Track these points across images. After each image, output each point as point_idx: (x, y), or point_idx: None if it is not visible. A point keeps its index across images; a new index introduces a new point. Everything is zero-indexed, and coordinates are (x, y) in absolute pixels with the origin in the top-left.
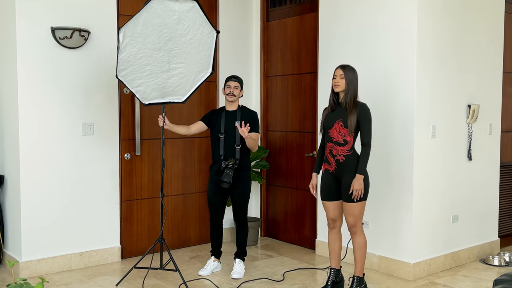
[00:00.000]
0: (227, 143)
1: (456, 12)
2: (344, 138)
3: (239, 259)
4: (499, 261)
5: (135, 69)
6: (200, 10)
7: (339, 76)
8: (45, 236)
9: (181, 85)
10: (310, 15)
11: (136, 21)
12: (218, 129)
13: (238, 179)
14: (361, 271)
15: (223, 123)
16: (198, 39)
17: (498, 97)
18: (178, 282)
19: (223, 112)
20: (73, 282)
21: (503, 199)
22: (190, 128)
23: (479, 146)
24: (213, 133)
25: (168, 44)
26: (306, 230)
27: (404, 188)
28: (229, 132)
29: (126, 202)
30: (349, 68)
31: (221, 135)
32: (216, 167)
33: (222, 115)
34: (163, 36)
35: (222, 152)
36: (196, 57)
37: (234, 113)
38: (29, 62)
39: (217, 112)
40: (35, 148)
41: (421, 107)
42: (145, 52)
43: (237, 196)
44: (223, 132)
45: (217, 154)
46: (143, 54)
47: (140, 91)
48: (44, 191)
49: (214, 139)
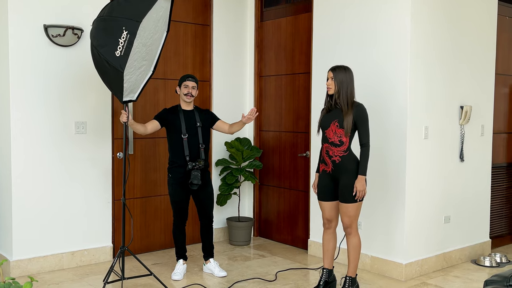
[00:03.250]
0: (190, 144)
1: (449, 14)
2: (340, 139)
3: (213, 258)
4: (490, 262)
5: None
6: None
7: (330, 78)
8: (36, 235)
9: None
10: (304, 15)
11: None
12: (178, 130)
13: (203, 179)
14: (354, 271)
15: (183, 124)
16: (158, 38)
17: (490, 99)
18: (171, 282)
19: (180, 113)
20: (64, 281)
21: (494, 200)
22: (147, 127)
23: (471, 147)
24: (173, 134)
25: (149, 40)
26: (298, 230)
27: (397, 189)
28: (191, 132)
29: (118, 201)
30: (340, 69)
31: (184, 135)
32: (181, 169)
33: (181, 115)
34: (152, 31)
35: (187, 153)
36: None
37: (192, 112)
38: (21, 59)
39: (173, 111)
40: (27, 146)
41: (414, 108)
42: (139, 46)
43: (205, 196)
44: (186, 132)
45: (180, 155)
46: (137, 49)
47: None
48: (36, 189)
49: (175, 140)
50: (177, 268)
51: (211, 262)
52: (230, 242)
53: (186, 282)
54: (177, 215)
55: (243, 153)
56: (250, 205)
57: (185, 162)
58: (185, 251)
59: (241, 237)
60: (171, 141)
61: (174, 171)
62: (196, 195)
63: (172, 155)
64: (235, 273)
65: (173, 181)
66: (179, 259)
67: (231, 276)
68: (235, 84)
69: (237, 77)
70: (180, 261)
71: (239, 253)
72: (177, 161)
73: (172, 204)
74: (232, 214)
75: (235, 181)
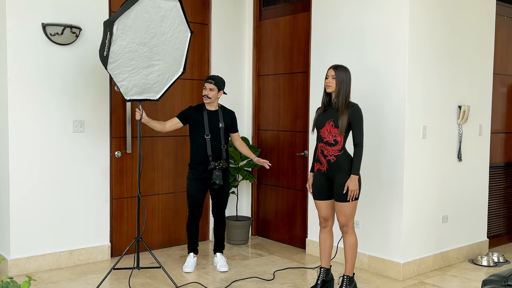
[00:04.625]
0: (213, 144)
1: (447, 13)
2: (334, 138)
3: (220, 253)
4: (488, 262)
5: (122, 63)
6: (180, 9)
7: (331, 77)
8: (34, 234)
9: (157, 82)
10: (302, 14)
11: (128, 15)
12: (201, 129)
13: (224, 178)
14: (351, 270)
15: (207, 123)
16: (175, 38)
17: (488, 98)
18: (167, 281)
19: (204, 111)
20: (62, 280)
21: (492, 200)
22: (165, 125)
23: (469, 147)
24: (196, 132)
25: (152, 40)
26: (296, 229)
27: (395, 188)
28: (214, 132)
29: (117, 200)
30: (341, 69)
31: (206, 136)
32: (201, 167)
33: (205, 115)
34: (149, 32)
35: (210, 152)
36: (172, 56)
37: (216, 113)
38: (19, 58)
39: (197, 110)
40: (25, 145)
41: (412, 108)
42: (132, 46)
43: (222, 194)
44: (209, 133)
45: (203, 154)
46: (130, 48)
47: (123, 86)
48: (33, 188)
49: (198, 139)
50: (188, 261)
51: (217, 256)
52: (228, 241)
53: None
54: (192, 210)
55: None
56: (248, 204)
57: (207, 161)
58: (196, 245)
59: (239, 236)
60: (194, 140)
61: (195, 167)
62: (215, 192)
63: (194, 153)
64: (233, 272)
65: (193, 176)
66: (190, 252)
67: (229, 275)
68: (234, 83)
69: (235, 76)
70: (191, 254)
71: (237, 252)
72: (199, 159)
73: (188, 199)
74: (230, 213)
75: (233, 180)
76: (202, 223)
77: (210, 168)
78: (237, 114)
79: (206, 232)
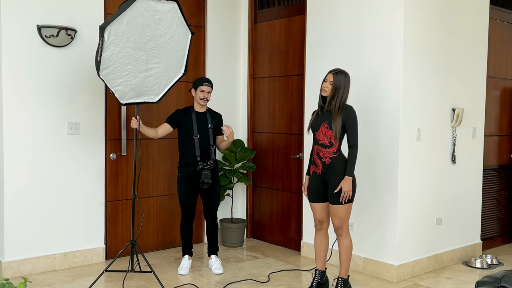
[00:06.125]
0: (201, 144)
1: (441, 17)
2: (329, 140)
3: (215, 255)
4: (481, 264)
5: (117, 68)
6: (179, 11)
7: (329, 82)
8: (28, 236)
9: (156, 85)
10: (298, 17)
11: (121, 20)
12: (190, 130)
13: (213, 178)
14: (346, 272)
15: (195, 125)
16: (174, 40)
17: (481, 102)
18: (167, 280)
19: (193, 113)
20: (56, 282)
21: (485, 203)
22: (158, 131)
23: (463, 149)
24: (184, 134)
25: (148, 43)
26: (291, 231)
27: (389, 191)
28: (202, 133)
29: (112, 203)
30: (341, 74)
31: (195, 136)
32: (190, 168)
33: (193, 117)
34: (144, 36)
35: (198, 153)
36: (171, 58)
37: (204, 114)
38: (14, 60)
39: (185, 112)
40: (19, 147)
41: (406, 110)
42: (127, 51)
43: (212, 195)
44: (197, 134)
45: (191, 155)
46: (125, 53)
47: (118, 91)
48: (28, 190)
49: (187, 140)
50: (183, 263)
51: (212, 259)
52: (223, 243)
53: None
54: (185, 212)
55: (236, 155)
56: (243, 207)
57: (195, 161)
58: (191, 247)
59: (234, 238)
60: (183, 141)
61: (184, 170)
62: (204, 194)
63: (182, 154)
64: (228, 274)
65: (182, 180)
66: (185, 254)
67: (224, 277)
68: (229, 85)
69: (230, 78)
70: (185, 257)
71: (232, 254)
72: (187, 160)
73: (180, 202)
74: (225, 215)
75: (228, 183)
76: (196, 225)
77: (199, 169)
78: (232, 117)
79: (200, 234)
